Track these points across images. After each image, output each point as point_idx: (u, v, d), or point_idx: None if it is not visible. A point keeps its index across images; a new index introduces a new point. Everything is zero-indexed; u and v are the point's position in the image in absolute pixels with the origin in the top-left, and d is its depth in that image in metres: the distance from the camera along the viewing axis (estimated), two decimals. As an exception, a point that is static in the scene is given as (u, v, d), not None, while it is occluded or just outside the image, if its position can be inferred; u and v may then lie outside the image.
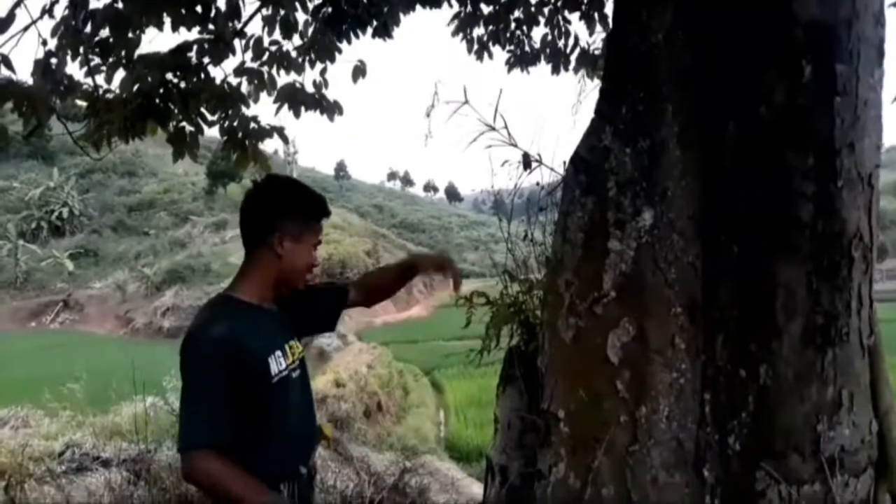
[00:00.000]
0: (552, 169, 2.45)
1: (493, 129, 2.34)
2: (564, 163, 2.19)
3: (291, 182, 2.14)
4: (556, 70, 5.22)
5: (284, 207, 1.98)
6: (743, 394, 1.81)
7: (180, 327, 35.18)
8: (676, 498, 1.86)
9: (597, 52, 5.07)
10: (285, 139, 4.20)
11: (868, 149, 1.78)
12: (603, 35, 4.92)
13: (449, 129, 2.46)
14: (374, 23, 4.49)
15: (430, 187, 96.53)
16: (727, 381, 1.84)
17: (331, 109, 4.36)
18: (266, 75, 4.22)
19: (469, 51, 5.16)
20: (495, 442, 2.37)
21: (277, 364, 1.90)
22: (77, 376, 9.55)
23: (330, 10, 4.42)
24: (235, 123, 4.17)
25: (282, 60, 4.27)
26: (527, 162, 2.42)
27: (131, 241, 46.88)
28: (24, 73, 3.67)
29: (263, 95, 4.23)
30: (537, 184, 2.56)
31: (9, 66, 3.53)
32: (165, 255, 43.35)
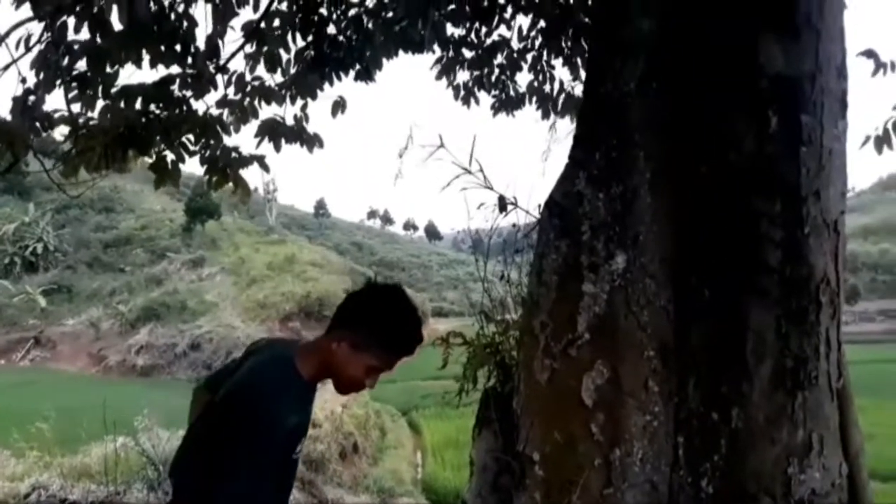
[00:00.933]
0: (527, 211, 2.49)
1: (468, 172, 2.39)
2: (539, 205, 2.23)
3: (413, 313, 1.99)
4: (545, 115, 5.29)
5: (386, 330, 1.90)
6: (715, 436, 1.83)
7: (154, 365, 34.59)
8: (651, 541, 1.86)
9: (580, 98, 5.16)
10: (266, 167, 4.21)
11: (833, 196, 1.83)
12: (585, 81, 5.01)
13: (426, 170, 2.50)
14: (357, 66, 4.56)
15: (409, 226, 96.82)
16: (700, 423, 1.85)
17: (311, 142, 4.39)
18: (248, 106, 4.26)
19: (455, 97, 5.24)
20: (471, 485, 2.35)
21: (302, 444, 1.94)
22: (46, 415, 9.32)
23: (313, 52, 4.48)
24: (218, 153, 4.18)
25: (263, 93, 4.31)
26: (502, 205, 2.45)
27: (106, 278, 46.24)
28: (3, 109, 3.68)
29: (245, 127, 4.26)
30: (513, 225, 2.60)
31: (-10, 103, 3.54)
32: (141, 291, 42.77)
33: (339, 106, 4.46)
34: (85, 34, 3.58)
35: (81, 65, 3.73)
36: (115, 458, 5.20)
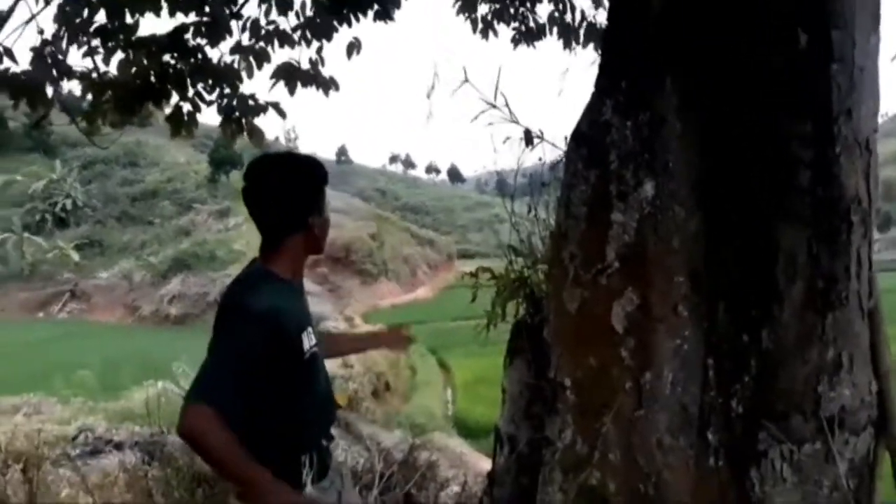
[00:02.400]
0: (554, 145, 2.48)
1: (494, 106, 2.37)
2: (566, 138, 2.22)
3: (293, 159, 2.16)
4: (567, 45, 5.18)
5: (306, 189, 2.01)
6: (745, 358, 1.85)
7: (186, 314, 35.36)
8: (681, 461, 1.91)
9: (604, 26, 5.04)
10: (282, 113, 4.22)
11: (865, 115, 1.80)
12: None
13: (450, 109, 2.48)
14: (375, 6, 4.49)
15: (432, 169, 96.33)
16: (730, 346, 1.88)
17: (326, 85, 4.37)
18: (261, 50, 4.24)
19: (474, 30, 5.14)
20: (503, 413, 2.42)
21: (309, 340, 1.95)
22: (87, 364, 9.65)
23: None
24: (234, 103, 4.20)
25: (277, 36, 4.28)
26: (528, 138, 2.44)
27: (136, 231, 46.97)
28: (26, 65, 3.71)
29: (259, 74, 4.25)
30: (539, 159, 2.59)
31: (11, 57, 3.57)
32: (170, 243, 43.44)
33: (353, 47, 4.40)
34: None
35: (101, 17, 3.74)
36: (156, 402, 5.38)
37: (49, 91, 3.79)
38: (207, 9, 3.92)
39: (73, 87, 4.06)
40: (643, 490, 1.91)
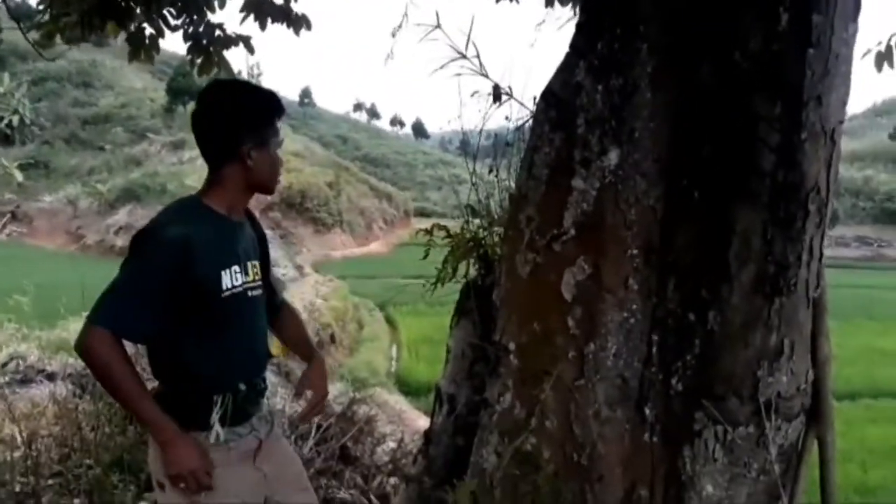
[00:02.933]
0: (522, 104, 2.42)
1: (463, 56, 2.29)
2: (534, 99, 2.16)
3: (242, 86, 2.00)
4: (549, 2, 5.06)
5: (244, 117, 1.87)
6: (690, 337, 1.86)
7: (133, 247, 34.52)
8: (617, 433, 1.92)
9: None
10: (251, 49, 4.05)
11: (834, 103, 1.79)
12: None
13: (418, 57, 2.40)
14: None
15: (396, 122, 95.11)
16: (676, 323, 1.88)
17: (297, 23, 4.20)
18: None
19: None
20: (445, 371, 2.40)
21: (232, 279, 1.86)
22: (24, 289, 9.32)
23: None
24: (200, 30, 4.00)
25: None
26: (497, 94, 2.37)
27: (85, 155, 45.36)
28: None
29: (230, 5, 4.06)
30: (506, 118, 2.53)
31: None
32: (120, 171, 42.11)
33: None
34: None
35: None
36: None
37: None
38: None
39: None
40: (577, 459, 1.92)
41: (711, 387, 1.85)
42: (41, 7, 3.77)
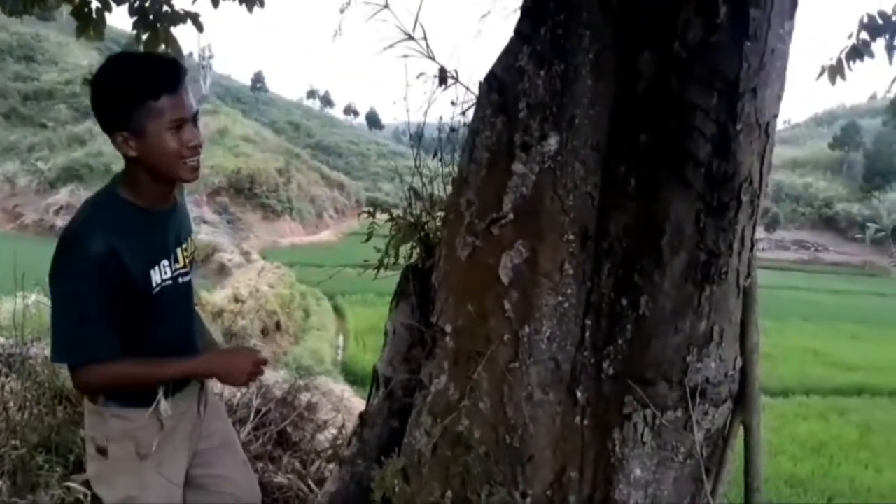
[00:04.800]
0: (467, 88, 2.41)
1: (411, 38, 2.27)
2: (480, 83, 2.16)
3: (121, 63, 1.71)
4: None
5: (114, 102, 1.66)
6: (622, 322, 1.88)
7: (74, 228, 33.47)
8: (548, 416, 1.93)
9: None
10: (199, 26, 3.94)
11: (769, 97, 1.82)
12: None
13: (366, 37, 2.36)
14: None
15: (350, 110, 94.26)
16: (609, 308, 1.90)
17: (250, 1, 4.11)
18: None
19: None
20: (383, 354, 2.38)
21: (161, 273, 1.79)
22: (-47, 266, 8.95)
23: None
24: (147, 4, 3.88)
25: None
26: (443, 77, 2.36)
27: (25, 132, 43.74)
28: None
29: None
30: (452, 103, 2.52)
31: None
32: (62, 150, 40.76)
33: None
34: None
35: None
36: (24, 313, 5.04)
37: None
38: None
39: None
40: (508, 440, 1.93)
41: (642, 371, 1.88)
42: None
